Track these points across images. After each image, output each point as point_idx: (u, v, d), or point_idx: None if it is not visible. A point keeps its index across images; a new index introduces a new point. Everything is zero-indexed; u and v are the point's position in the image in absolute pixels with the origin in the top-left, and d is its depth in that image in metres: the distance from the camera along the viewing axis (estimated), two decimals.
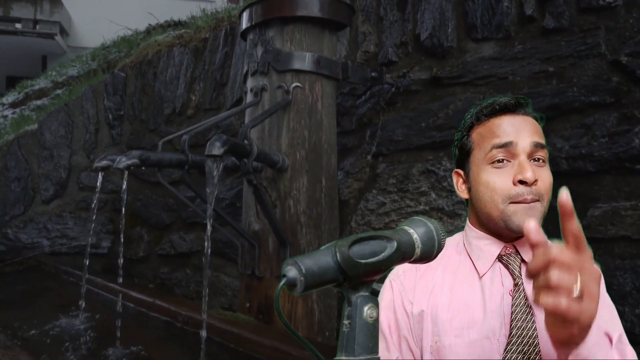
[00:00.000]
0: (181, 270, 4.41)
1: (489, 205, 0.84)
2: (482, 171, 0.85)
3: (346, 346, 0.53)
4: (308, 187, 2.58)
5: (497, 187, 0.83)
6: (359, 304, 0.54)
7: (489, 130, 0.86)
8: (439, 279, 0.88)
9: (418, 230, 0.61)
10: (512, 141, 0.83)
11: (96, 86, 5.40)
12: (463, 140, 0.91)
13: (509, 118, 0.86)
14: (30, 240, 4.91)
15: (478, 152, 0.87)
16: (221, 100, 4.37)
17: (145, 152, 2.19)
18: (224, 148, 1.86)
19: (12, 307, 3.22)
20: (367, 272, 0.55)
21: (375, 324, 0.54)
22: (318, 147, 2.64)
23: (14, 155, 5.05)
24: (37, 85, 9.11)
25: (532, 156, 0.83)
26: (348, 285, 0.55)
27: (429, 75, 3.00)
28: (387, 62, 3.16)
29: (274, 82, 2.65)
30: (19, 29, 13.00)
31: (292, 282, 0.51)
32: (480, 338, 0.81)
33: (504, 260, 0.85)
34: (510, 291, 0.82)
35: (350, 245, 0.54)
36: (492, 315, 0.81)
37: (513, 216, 0.81)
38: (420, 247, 0.60)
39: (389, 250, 0.56)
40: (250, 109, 2.74)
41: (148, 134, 5.06)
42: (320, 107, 2.68)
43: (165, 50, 5.11)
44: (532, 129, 0.85)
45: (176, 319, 2.58)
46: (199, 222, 4.32)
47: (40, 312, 2.95)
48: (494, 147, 0.84)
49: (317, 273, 0.52)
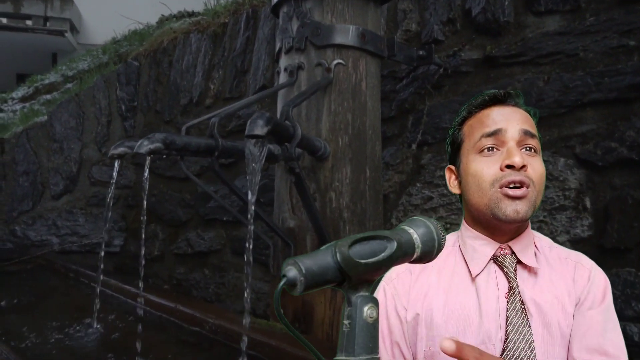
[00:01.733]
0: (199, 271, 4.11)
1: (477, 194, 0.83)
2: (471, 161, 0.84)
3: (346, 346, 0.53)
4: (352, 178, 2.27)
5: (485, 173, 0.81)
6: (359, 304, 0.54)
7: (478, 121, 0.86)
8: (433, 281, 0.86)
9: (418, 230, 0.61)
10: (500, 128, 0.82)
11: (108, 76, 5.11)
12: (454, 135, 0.91)
13: (498, 108, 0.86)
14: (39, 237, 4.63)
15: (468, 142, 0.87)
16: (242, 88, 4.07)
17: (170, 135, 1.88)
18: (267, 127, 1.55)
19: (18, 312, 2.93)
20: (367, 272, 0.54)
21: (375, 324, 0.54)
22: (362, 133, 2.33)
23: (23, 148, 4.77)
24: (47, 80, 8.89)
25: (521, 144, 0.82)
26: (348, 285, 0.55)
27: (482, 55, 2.68)
28: (431, 41, 2.83)
29: (313, 59, 2.34)
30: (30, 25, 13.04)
31: (292, 282, 0.51)
32: (476, 343, 0.78)
33: (498, 261, 0.84)
34: (505, 294, 0.81)
35: (350, 245, 0.54)
36: (487, 319, 0.80)
37: (500, 203, 0.80)
38: (420, 247, 0.60)
39: (389, 250, 0.56)
40: (283, 90, 2.43)
41: (163, 125, 4.77)
42: (364, 87, 2.36)
43: (181, 37, 4.82)
44: (522, 118, 0.84)
45: (202, 327, 2.27)
46: (218, 219, 4.02)
47: (49, 317, 2.66)
48: (483, 135, 0.83)
49: (317, 273, 0.52)
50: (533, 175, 0.80)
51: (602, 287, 0.83)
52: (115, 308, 2.69)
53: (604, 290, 0.83)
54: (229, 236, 3.92)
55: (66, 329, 2.39)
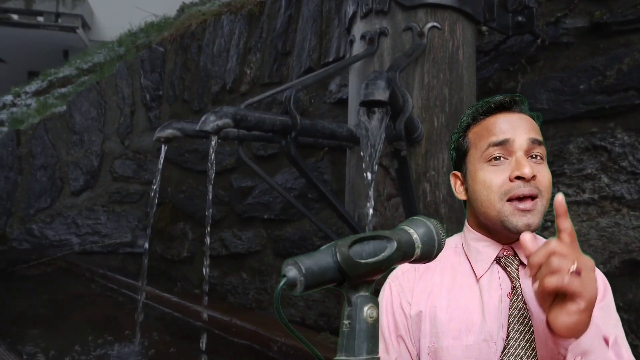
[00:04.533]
0: (235, 274, 3.72)
1: (486, 204, 0.83)
2: (479, 170, 0.85)
3: (346, 346, 0.53)
4: (449, 166, 1.86)
5: (494, 184, 0.82)
6: (359, 304, 0.54)
7: (485, 129, 0.86)
8: (437, 280, 0.88)
9: (418, 231, 0.61)
10: (508, 138, 0.83)
11: (131, 62, 4.74)
12: (459, 141, 0.91)
13: (505, 116, 0.86)
14: (58, 237, 4.26)
15: (474, 151, 0.87)
16: (284, 72, 3.67)
17: (240, 110, 1.49)
18: (389, 92, 1.14)
19: (39, 325, 2.53)
20: (367, 272, 0.54)
21: (375, 324, 0.54)
22: (460, 112, 1.92)
23: (40, 140, 4.40)
24: (62, 73, 8.57)
25: (529, 153, 0.83)
26: (348, 285, 0.54)
27: (588, 22, 2.26)
28: (522, 8, 2.42)
29: (399, 23, 1.93)
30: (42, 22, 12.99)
31: (292, 282, 0.51)
32: (478, 341, 0.81)
33: (502, 262, 0.85)
34: (508, 294, 0.82)
35: (350, 245, 0.54)
36: (490, 319, 0.82)
37: (511, 217, 0.81)
38: (420, 247, 0.60)
39: (389, 250, 0.56)
40: (358, 63, 2.03)
41: (192, 115, 4.38)
42: (461, 57, 1.96)
43: (211, 20, 4.43)
44: (528, 126, 0.85)
45: (269, 347, 1.87)
46: (258, 217, 3.62)
47: (77, 331, 2.27)
48: (491, 145, 0.84)
49: (317, 273, 0.52)
50: (542, 184, 0.81)
51: (601, 286, 0.83)
52: (157, 320, 2.28)
53: (604, 290, 0.83)
54: (270, 236, 3.52)
55: (99, 348, 1.99)
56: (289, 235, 3.33)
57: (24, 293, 2.98)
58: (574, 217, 2.15)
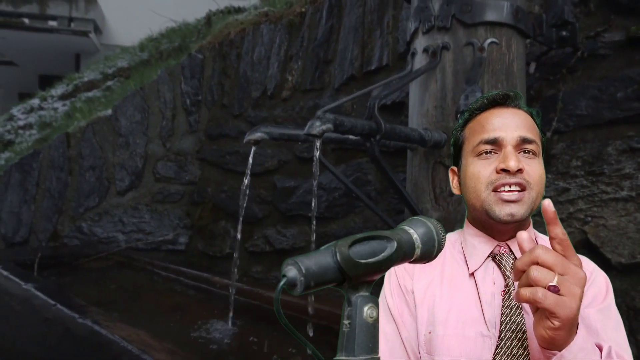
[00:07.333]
0: (279, 269, 3.95)
1: (473, 195, 0.85)
2: (470, 163, 0.86)
3: (346, 346, 0.53)
4: None
5: (482, 175, 0.83)
6: (359, 304, 0.54)
7: (478, 124, 0.87)
8: (437, 273, 0.89)
9: (418, 230, 0.61)
10: (498, 137, 0.83)
11: (172, 69, 4.99)
12: (457, 136, 0.93)
13: (498, 111, 0.87)
14: (106, 234, 4.51)
15: (467, 145, 0.88)
16: (326, 79, 3.91)
17: (338, 116, 1.73)
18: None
19: (114, 309, 2.78)
20: (367, 272, 0.54)
21: (375, 324, 0.54)
22: None
23: (89, 143, 4.65)
24: (86, 77, 8.81)
25: (519, 148, 0.83)
26: (348, 285, 0.54)
27: (624, 36, 2.50)
28: (560, 24, 2.66)
29: (460, 38, 2.17)
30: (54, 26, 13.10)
31: (292, 282, 0.51)
32: (473, 336, 0.81)
33: (496, 259, 0.86)
34: (502, 291, 0.83)
35: (350, 245, 0.54)
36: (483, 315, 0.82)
37: (494, 205, 0.82)
38: (420, 247, 0.60)
39: (389, 250, 0.56)
40: (418, 76, 2.26)
41: (232, 120, 4.63)
42: (515, 69, 2.19)
43: (250, 28, 4.68)
44: (520, 122, 0.85)
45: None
46: (302, 215, 3.86)
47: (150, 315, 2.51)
48: (482, 142, 0.85)
49: (317, 273, 0.52)
50: (529, 177, 0.81)
51: (603, 287, 0.83)
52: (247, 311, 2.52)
53: (605, 290, 0.83)
54: (315, 233, 3.75)
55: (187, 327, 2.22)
56: (335, 232, 3.56)
57: (92, 283, 3.22)
58: (613, 212, 2.38)
